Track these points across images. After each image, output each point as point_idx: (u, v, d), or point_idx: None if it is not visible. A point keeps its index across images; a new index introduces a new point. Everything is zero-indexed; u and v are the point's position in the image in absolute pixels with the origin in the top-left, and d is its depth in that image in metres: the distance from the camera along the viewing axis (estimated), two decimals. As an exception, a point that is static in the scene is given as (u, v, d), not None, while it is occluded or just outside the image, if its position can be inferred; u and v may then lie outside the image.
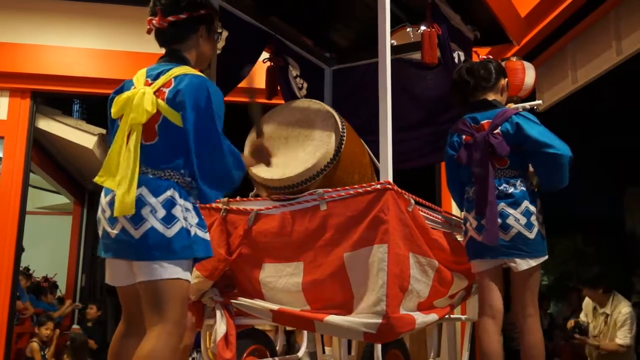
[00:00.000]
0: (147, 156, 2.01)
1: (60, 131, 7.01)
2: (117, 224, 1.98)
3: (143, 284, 1.96)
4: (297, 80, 3.77)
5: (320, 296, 2.54)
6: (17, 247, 6.11)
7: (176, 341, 1.94)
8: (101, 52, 6.37)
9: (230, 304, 2.71)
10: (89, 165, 8.36)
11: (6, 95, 6.24)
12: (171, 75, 2.07)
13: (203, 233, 2.06)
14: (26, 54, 6.19)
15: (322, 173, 2.72)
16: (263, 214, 2.71)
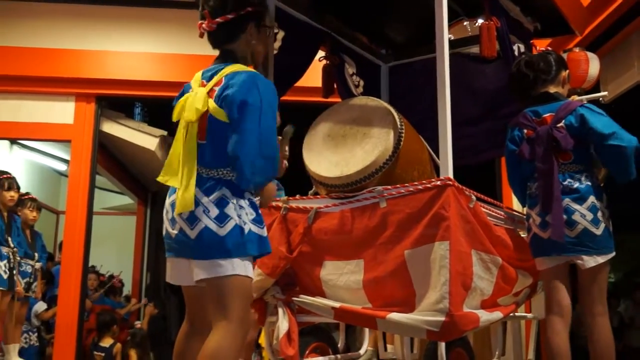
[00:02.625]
0: (201, 156, 2.05)
1: (124, 134, 7.21)
2: (176, 225, 2.03)
3: (203, 282, 2.00)
4: (354, 78, 3.77)
5: (381, 294, 2.54)
6: (86, 247, 6.33)
7: (240, 339, 1.96)
8: (161, 56, 6.53)
9: (292, 302, 2.73)
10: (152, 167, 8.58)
11: (72, 100, 6.46)
12: (222, 75, 2.11)
13: (259, 229, 2.05)
14: (90, 59, 6.41)
15: (381, 170, 2.71)
16: (323, 211, 2.72)
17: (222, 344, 1.90)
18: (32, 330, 6.73)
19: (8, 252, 5.22)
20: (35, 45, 6.34)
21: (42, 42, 6.38)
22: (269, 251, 2.10)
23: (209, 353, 1.89)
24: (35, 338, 6.78)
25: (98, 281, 7.95)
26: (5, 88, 6.33)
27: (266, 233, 2.10)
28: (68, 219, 6.41)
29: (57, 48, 6.36)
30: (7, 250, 5.22)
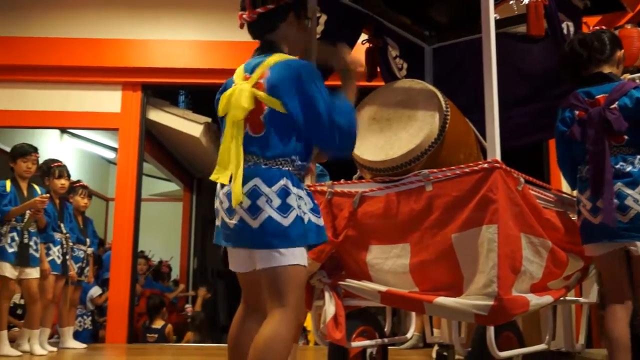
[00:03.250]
0: (257, 147, 2.06)
1: (169, 121, 7.34)
2: (235, 215, 2.04)
3: (263, 270, 2.02)
4: (397, 60, 3.73)
5: (428, 277, 2.52)
6: (135, 232, 6.49)
7: (295, 325, 2.00)
8: (204, 43, 6.60)
9: (338, 286, 2.74)
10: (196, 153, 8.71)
11: (119, 89, 6.61)
12: (266, 66, 2.11)
13: (317, 219, 2.08)
14: (136, 49, 6.53)
15: (427, 153, 2.68)
16: (368, 196, 2.71)
17: (278, 331, 1.94)
18: (86, 314, 6.95)
19: (61, 238, 5.38)
20: (83, 36, 6.50)
21: (89, 32, 6.53)
22: (325, 240, 2.13)
23: (265, 339, 1.92)
24: (89, 321, 7.00)
25: (147, 266, 8.13)
26: (55, 78, 6.52)
27: (323, 222, 2.12)
28: (117, 206, 6.58)
29: (104, 38, 6.51)
30: (60, 236, 5.38)
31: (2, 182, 4.97)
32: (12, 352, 4.80)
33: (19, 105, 6.53)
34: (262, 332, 1.95)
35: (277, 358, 1.93)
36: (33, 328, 5.06)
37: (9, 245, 4.84)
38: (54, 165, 5.45)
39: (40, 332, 5.14)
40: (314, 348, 6.12)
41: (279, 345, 1.93)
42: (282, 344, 1.94)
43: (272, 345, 1.92)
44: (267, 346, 1.91)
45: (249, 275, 2.14)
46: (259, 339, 1.93)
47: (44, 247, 5.16)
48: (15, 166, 5.06)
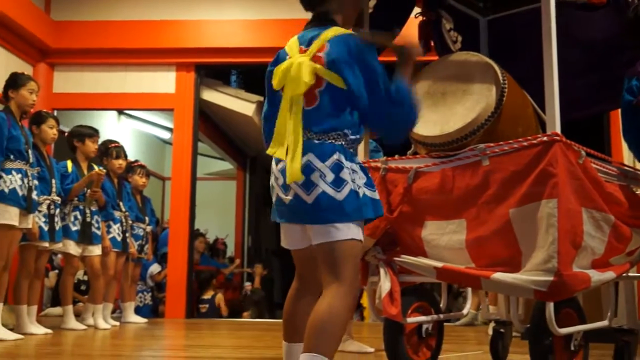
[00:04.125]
0: (310, 121, 2.04)
1: (222, 101, 7.42)
2: (290, 191, 2.05)
3: (319, 246, 2.02)
4: (451, 33, 3.65)
5: (485, 253, 2.49)
6: (191, 211, 6.62)
7: (351, 299, 1.99)
8: (255, 22, 6.62)
9: (393, 262, 2.74)
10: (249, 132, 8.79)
11: (173, 69, 6.71)
12: (324, 39, 2.08)
13: (372, 192, 2.06)
14: (189, 29, 6.61)
15: (483, 127, 2.63)
16: (422, 171, 2.69)
17: (334, 305, 1.94)
18: (146, 290, 7.18)
19: (120, 216, 5.54)
20: (138, 18, 6.61)
21: (144, 14, 6.64)
22: (381, 214, 2.10)
23: (322, 314, 1.93)
24: (149, 297, 7.23)
25: (204, 243, 8.30)
26: (112, 61, 6.67)
27: (378, 196, 2.10)
28: (174, 185, 6.72)
29: (159, 20, 6.60)
30: (120, 215, 5.54)
31: (64, 163, 5.14)
32: (77, 326, 5.00)
33: (77, 88, 6.72)
34: (318, 308, 1.95)
35: (334, 332, 1.94)
36: (96, 303, 5.26)
37: (72, 223, 5.02)
38: (112, 145, 5.60)
39: (103, 307, 5.34)
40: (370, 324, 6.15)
41: (336, 319, 1.94)
42: (338, 319, 1.94)
43: (329, 320, 1.92)
44: (324, 321, 1.92)
45: (304, 251, 2.15)
46: (316, 315, 1.94)
47: (104, 225, 5.34)
48: (83, 146, 5.22)
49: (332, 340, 1.94)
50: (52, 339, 4.40)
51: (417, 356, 2.85)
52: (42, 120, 4.81)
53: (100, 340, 4.56)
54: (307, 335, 1.94)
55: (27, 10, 6.11)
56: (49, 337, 4.45)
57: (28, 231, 4.45)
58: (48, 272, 6.71)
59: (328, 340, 1.92)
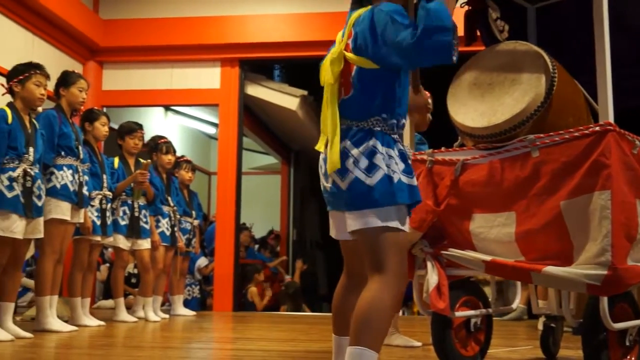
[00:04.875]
0: (348, 109, 2.05)
1: (266, 95, 7.46)
2: (329, 179, 2.07)
3: (355, 233, 2.01)
4: (498, 22, 3.57)
5: (535, 246, 2.45)
6: (237, 205, 6.69)
7: (395, 291, 1.96)
8: (298, 16, 6.63)
9: (440, 255, 2.71)
10: (293, 126, 8.82)
11: (218, 65, 6.78)
12: (351, 25, 2.08)
13: (409, 179, 2.01)
14: (232, 25, 6.66)
15: (532, 118, 2.58)
16: (470, 163, 2.65)
17: (377, 297, 1.92)
18: (194, 283, 7.30)
19: (169, 210, 5.64)
20: (183, 15, 6.69)
21: (189, 11, 6.73)
22: (419, 200, 2.05)
23: (365, 306, 1.91)
24: (197, 290, 7.35)
25: (249, 237, 8.38)
26: (159, 58, 6.78)
27: (416, 183, 2.06)
28: (220, 179, 6.80)
29: (203, 16, 6.67)
30: (168, 209, 5.64)
31: (111, 159, 5.26)
32: (129, 318, 5.12)
33: (125, 85, 6.86)
34: (362, 300, 1.94)
35: (379, 325, 1.91)
36: (146, 296, 5.37)
37: (121, 218, 5.13)
38: (161, 141, 5.69)
39: (153, 299, 5.45)
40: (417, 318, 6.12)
41: (380, 311, 1.91)
42: (382, 311, 1.91)
43: (372, 312, 1.90)
44: (368, 313, 1.90)
45: (349, 242, 2.15)
46: (360, 307, 1.93)
47: (153, 219, 5.44)
48: (124, 143, 5.33)
49: (377, 332, 1.92)
50: (105, 330, 4.52)
51: (465, 350, 2.82)
52: (94, 117, 4.92)
53: (150, 332, 4.66)
54: (352, 328, 1.93)
55: (77, 10, 6.26)
56: (102, 329, 4.57)
57: (81, 225, 4.57)
58: (99, 265, 6.89)
59: (373, 333, 1.90)
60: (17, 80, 4.00)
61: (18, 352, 3.38)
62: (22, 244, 3.94)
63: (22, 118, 3.96)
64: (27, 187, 3.85)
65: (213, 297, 6.80)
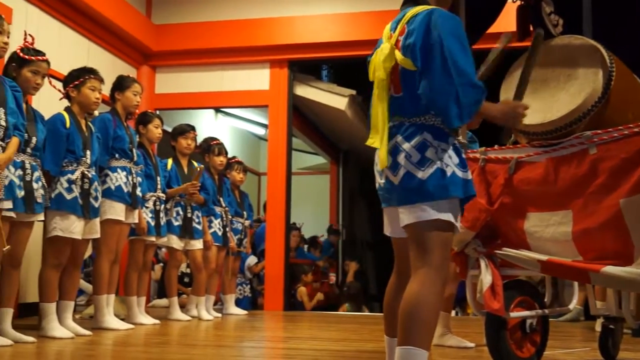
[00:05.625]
0: (400, 107, 2.04)
1: (315, 96, 7.47)
2: (383, 175, 2.07)
3: (406, 228, 2.00)
4: (551, 17, 3.48)
5: (593, 246, 2.39)
6: (287, 205, 6.73)
7: (439, 286, 1.93)
8: (345, 16, 6.62)
9: (494, 255, 2.68)
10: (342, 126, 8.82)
11: (267, 67, 6.83)
12: (404, 22, 2.07)
13: (463, 172, 1.99)
14: (281, 26, 6.70)
15: (589, 114, 2.52)
16: (524, 161, 2.61)
17: (421, 291, 1.90)
18: (245, 283, 7.38)
19: (221, 211, 5.72)
20: (232, 18, 6.78)
21: (238, 14, 6.80)
22: (473, 194, 2.02)
23: (410, 303, 1.89)
24: (248, 289, 7.43)
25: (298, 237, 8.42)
26: (209, 60, 6.88)
27: (471, 176, 2.03)
28: (270, 180, 6.85)
29: (252, 18, 6.74)
30: (220, 210, 5.72)
31: (165, 161, 5.37)
32: (182, 317, 5.22)
33: (177, 88, 6.98)
34: (406, 296, 1.92)
35: (426, 321, 1.88)
36: (200, 295, 5.46)
37: (174, 219, 5.23)
38: (213, 143, 5.77)
39: (205, 299, 5.53)
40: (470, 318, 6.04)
41: (426, 307, 1.88)
42: (427, 305, 1.88)
43: (417, 309, 1.87)
44: (414, 311, 1.88)
45: (400, 240, 2.14)
46: (404, 304, 1.91)
47: (206, 220, 5.52)
48: (177, 144, 5.43)
49: (424, 330, 1.88)
50: (160, 328, 4.62)
51: (521, 352, 2.77)
52: (148, 120, 5.03)
53: (203, 330, 4.73)
54: (399, 328, 1.91)
55: (131, 16, 6.41)
56: (157, 327, 4.66)
57: (136, 226, 4.68)
58: (153, 265, 7.03)
59: (420, 331, 1.87)
60: (72, 85, 4.12)
61: (78, 349, 3.49)
62: (80, 244, 4.06)
63: (79, 122, 4.08)
64: (84, 189, 3.97)
65: (264, 297, 6.86)
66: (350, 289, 7.87)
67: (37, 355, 3.26)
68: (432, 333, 1.95)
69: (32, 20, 5.14)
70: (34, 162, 3.64)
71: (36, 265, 4.17)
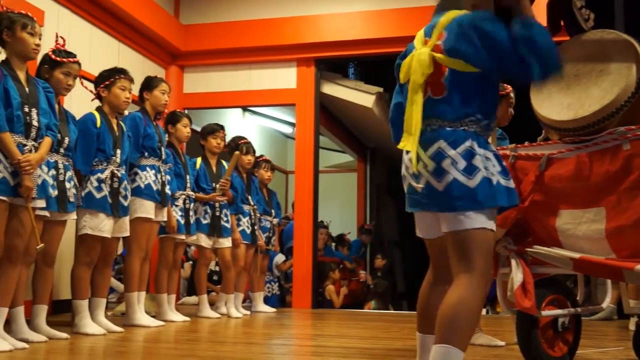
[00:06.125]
0: (440, 110, 2.03)
1: (342, 94, 7.46)
2: (421, 179, 2.04)
3: (449, 234, 2.00)
4: (582, 11, 3.43)
5: (627, 243, 2.35)
6: (314, 203, 6.74)
7: (482, 291, 1.95)
8: (372, 13, 6.60)
9: (525, 253, 2.65)
10: (369, 124, 8.80)
11: (294, 65, 6.85)
12: (441, 27, 2.06)
13: (506, 181, 2.01)
14: (308, 24, 6.71)
15: (622, 109, 2.47)
16: (556, 158, 2.57)
17: (464, 296, 1.91)
18: (273, 280, 7.41)
19: (249, 209, 5.75)
20: (259, 17, 6.80)
21: (265, 13, 6.83)
22: (516, 203, 2.04)
23: (452, 305, 1.90)
24: (277, 287, 7.46)
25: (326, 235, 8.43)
26: (237, 60, 6.93)
27: (513, 185, 2.04)
28: (297, 178, 6.87)
29: (279, 17, 6.76)
30: (248, 208, 5.75)
31: (194, 160, 5.41)
32: (212, 314, 5.26)
33: (205, 88, 7.04)
34: (448, 299, 1.93)
35: (466, 324, 1.90)
36: (229, 293, 5.50)
37: (203, 217, 5.27)
38: (241, 142, 5.80)
39: (234, 296, 5.57)
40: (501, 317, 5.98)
41: (468, 311, 1.90)
42: (469, 311, 1.90)
43: (460, 311, 1.89)
44: (455, 313, 1.89)
45: (437, 241, 2.13)
46: (446, 306, 1.92)
47: (234, 218, 5.56)
48: (206, 143, 5.48)
49: (464, 331, 1.91)
50: (190, 326, 4.66)
51: (552, 351, 2.74)
52: (177, 119, 5.09)
53: (232, 328, 4.77)
54: (438, 327, 1.92)
55: (159, 16, 6.48)
56: (187, 324, 4.71)
57: (166, 224, 4.74)
58: (183, 263, 7.10)
59: (459, 332, 1.89)
60: (103, 85, 4.18)
61: (110, 345, 3.54)
62: (110, 242, 4.12)
63: (110, 121, 4.14)
64: (114, 188, 4.03)
65: (292, 294, 6.88)
66: (377, 286, 7.87)
67: (70, 351, 3.32)
68: (471, 335, 1.97)
69: (64, 22, 5.22)
70: (66, 162, 3.71)
71: (69, 263, 4.24)
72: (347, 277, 8.24)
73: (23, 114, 3.26)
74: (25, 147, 3.25)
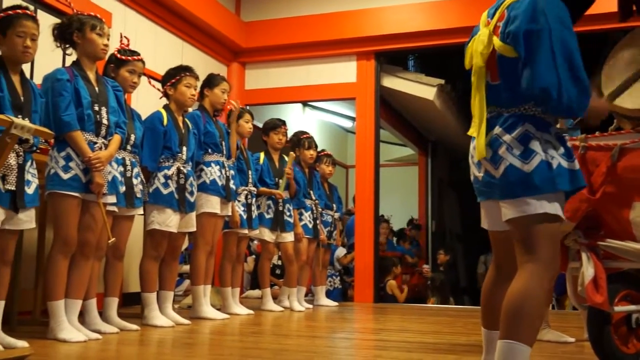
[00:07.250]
0: (497, 96, 1.98)
1: (403, 86, 7.40)
2: (482, 168, 2.00)
3: (511, 222, 1.94)
4: (656, -6, 3.29)
5: None
6: (375, 197, 6.71)
7: (548, 281, 1.87)
8: (432, 4, 6.51)
9: (596, 246, 2.56)
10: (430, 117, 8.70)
11: (354, 59, 6.84)
12: (504, 7, 2.00)
13: (569, 163, 1.90)
14: (367, 18, 6.68)
15: (701, 96, 2.35)
16: (629, 148, 2.48)
17: (529, 286, 1.83)
18: (335, 274, 7.43)
19: (311, 204, 5.78)
20: (318, 12, 6.82)
21: (324, 7, 6.84)
22: (583, 185, 1.93)
23: (516, 297, 1.84)
24: (338, 281, 7.48)
25: (389, 229, 8.39)
26: (296, 55, 6.96)
27: (578, 166, 1.93)
28: (358, 172, 6.86)
29: (338, 11, 6.75)
30: (310, 203, 5.78)
31: (257, 155, 5.48)
32: (275, 308, 5.32)
33: (266, 84, 7.11)
34: (512, 290, 1.86)
35: (532, 317, 1.83)
36: (291, 286, 5.55)
37: (266, 212, 5.34)
38: (304, 137, 5.84)
39: (297, 290, 5.62)
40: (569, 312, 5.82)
41: (533, 302, 1.82)
42: (534, 300, 1.82)
43: (524, 303, 1.82)
44: (519, 305, 1.82)
45: (501, 234, 2.08)
46: (510, 298, 1.85)
47: (296, 212, 5.60)
48: (268, 139, 5.53)
49: (529, 325, 1.83)
50: (254, 319, 4.73)
51: (626, 348, 2.64)
52: (239, 115, 5.16)
53: (295, 321, 4.81)
54: (503, 321, 1.86)
55: (221, 14, 6.58)
56: (251, 317, 4.78)
57: (230, 219, 4.82)
58: (246, 257, 7.21)
59: (525, 326, 1.82)
60: (170, 83, 4.28)
61: (178, 337, 3.64)
62: (177, 237, 4.22)
63: (176, 119, 4.23)
64: (180, 184, 4.13)
65: (354, 288, 6.89)
66: (434, 281, 7.78)
67: (140, 342, 3.43)
68: (537, 329, 1.88)
69: (130, 23, 5.38)
70: (133, 159, 3.82)
71: (137, 257, 4.37)
72: (409, 272, 8.19)
73: (93, 112, 3.37)
74: (95, 144, 3.37)
